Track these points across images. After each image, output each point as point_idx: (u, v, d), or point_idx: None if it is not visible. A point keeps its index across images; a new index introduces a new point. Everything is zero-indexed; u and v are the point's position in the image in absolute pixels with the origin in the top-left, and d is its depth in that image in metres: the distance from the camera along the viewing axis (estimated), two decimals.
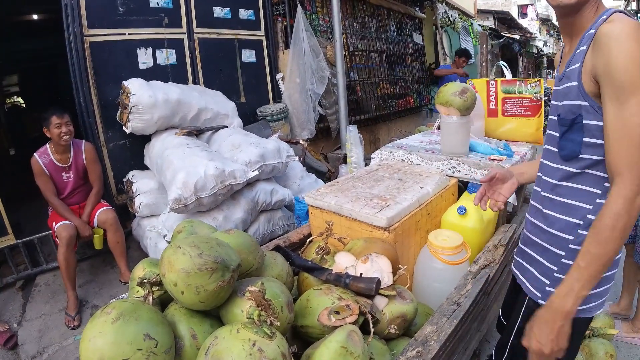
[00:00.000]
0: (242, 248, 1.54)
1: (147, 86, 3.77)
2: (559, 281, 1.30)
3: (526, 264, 1.55)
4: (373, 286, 1.56)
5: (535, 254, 1.50)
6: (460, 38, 11.70)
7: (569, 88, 1.29)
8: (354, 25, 7.35)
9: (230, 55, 5.20)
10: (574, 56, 1.29)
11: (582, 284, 1.20)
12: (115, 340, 1.11)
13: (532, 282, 1.50)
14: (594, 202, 1.28)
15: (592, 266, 1.18)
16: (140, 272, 1.57)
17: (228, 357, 1.09)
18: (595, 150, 1.24)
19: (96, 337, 1.12)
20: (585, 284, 1.20)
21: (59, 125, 3.35)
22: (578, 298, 1.21)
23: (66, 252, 3.28)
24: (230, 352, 1.09)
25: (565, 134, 1.32)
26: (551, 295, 1.26)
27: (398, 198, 2.14)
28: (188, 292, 1.24)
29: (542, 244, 1.45)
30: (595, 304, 1.37)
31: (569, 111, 1.29)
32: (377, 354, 1.48)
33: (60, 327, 3.27)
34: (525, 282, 1.53)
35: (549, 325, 1.25)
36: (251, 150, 3.70)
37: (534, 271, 1.49)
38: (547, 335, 1.25)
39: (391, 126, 8.52)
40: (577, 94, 1.26)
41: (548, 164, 1.44)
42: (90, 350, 1.11)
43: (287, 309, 1.35)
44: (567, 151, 1.32)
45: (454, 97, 2.53)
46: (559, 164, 1.37)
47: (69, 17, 3.77)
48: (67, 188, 3.59)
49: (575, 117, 1.27)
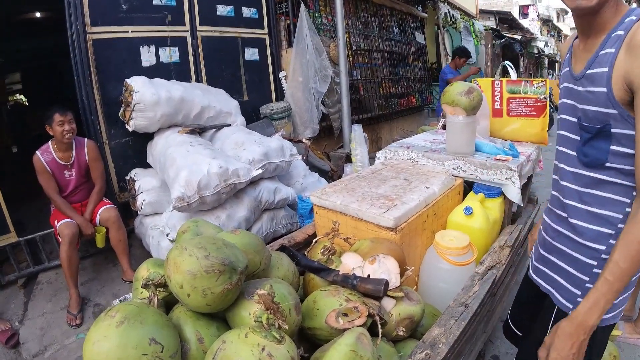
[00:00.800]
0: (248, 248, 1.52)
1: (150, 84, 3.76)
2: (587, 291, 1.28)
3: (552, 273, 1.51)
4: (381, 288, 1.54)
5: (562, 263, 1.46)
6: (462, 38, 11.71)
7: (594, 94, 1.23)
8: (357, 24, 7.36)
9: (233, 54, 5.19)
10: (598, 57, 1.22)
11: (607, 299, 1.18)
12: (120, 344, 1.09)
13: (561, 292, 1.45)
14: (624, 211, 1.25)
15: (620, 281, 1.16)
16: (144, 272, 1.55)
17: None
18: (624, 160, 1.20)
19: (101, 341, 1.10)
20: (610, 299, 1.18)
21: (61, 122, 3.34)
22: (602, 312, 1.19)
23: (68, 250, 3.27)
24: (238, 357, 1.08)
25: (590, 141, 1.27)
26: (575, 309, 1.24)
27: (404, 198, 2.12)
28: (194, 295, 1.22)
29: (571, 253, 1.41)
30: (620, 309, 1.35)
31: (595, 118, 1.24)
32: (385, 356, 1.46)
33: (62, 326, 3.26)
34: (554, 292, 1.49)
35: (572, 338, 1.23)
36: (254, 149, 3.68)
37: (562, 281, 1.45)
38: (568, 349, 1.24)
39: (393, 125, 8.52)
40: (606, 101, 1.20)
41: (566, 169, 1.40)
42: (94, 354, 1.09)
43: (295, 311, 1.33)
44: (592, 159, 1.28)
45: (460, 96, 2.52)
46: (581, 170, 1.33)
47: (72, 15, 3.77)
48: (70, 186, 3.58)
49: (603, 125, 1.22)
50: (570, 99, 1.34)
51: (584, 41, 1.31)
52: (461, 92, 2.53)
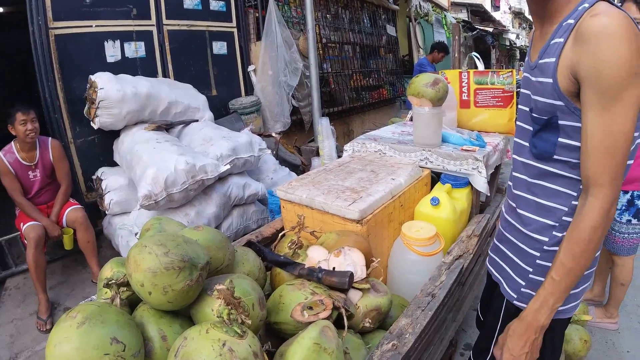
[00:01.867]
0: (211, 244, 1.51)
1: (115, 80, 3.69)
2: (534, 282, 1.32)
3: (501, 262, 1.52)
4: (346, 280, 1.54)
5: (510, 253, 1.46)
6: (434, 30, 11.78)
7: (543, 84, 1.19)
8: (327, 16, 7.34)
9: (200, 48, 5.14)
10: (548, 47, 1.18)
11: (556, 298, 1.18)
12: (80, 345, 1.07)
13: (508, 282, 1.46)
14: (570, 204, 1.23)
15: (567, 280, 1.16)
16: (108, 272, 1.53)
17: (198, 358, 1.06)
18: (571, 153, 1.18)
19: (62, 342, 1.08)
20: (559, 297, 1.18)
21: (24, 122, 3.26)
22: (552, 311, 1.20)
23: (35, 253, 3.20)
24: (200, 353, 1.06)
25: (539, 133, 1.25)
26: (525, 309, 1.25)
27: (370, 190, 2.12)
28: (155, 293, 1.21)
29: (517, 244, 1.41)
30: (574, 304, 1.34)
31: (543, 110, 1.21)
32: (353, 348, 1.47)
33: (32, 332, 3.20)
34: (502, 281, 1.49)
35: (523, 338, 1.24)
36: (222, 144, 3.66)
37: (509, 271, 1.45)
38: (520, 349, 1.24)
39: (365, 118, 8.55)
40: (552, 92, 1.16)
41: (517, 159, 1.38)
42: (56, 356, 1.08)
43: (258, 306, 1.32)
44: (540, 150, 1.26)
45: (425, 88, 2.53)
46: (532, 161, 1.31)
47: (33, 9, 3.68)
48: (34, 187, 3.50)
49: (550, 117, 1.19)
50: (527, 89, 1.30)
51: (539, 29, 1.28)
52: (427, 84, 2.54)
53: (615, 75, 1.00)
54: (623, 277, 2.75)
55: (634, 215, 2.59)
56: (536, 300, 1.21)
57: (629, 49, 0.99)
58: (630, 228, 2.62)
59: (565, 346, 2.54)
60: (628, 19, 1.02)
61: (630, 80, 1.00)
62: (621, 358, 2.67)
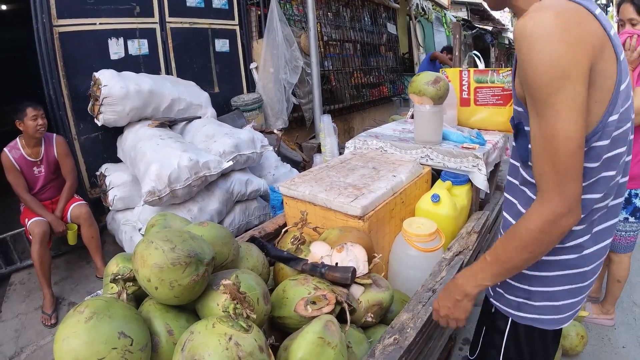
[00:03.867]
0: (216, 240, 1.53)
1: (118, 77, 3.72)
2: (506, 285, 1.36)
3: None
4: (349, 275, 1.57)
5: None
6: (434, 29, 11.78)
7: (513, 90, 1.20)
8: (328, 14, 7.35)
9: (203, 45, 5.17)
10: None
11: (484, 276, 1.22)
12: (89, 340, 1.09)
13: None
14: None
15: (496, 266, 1.18)
16: (114, 267, 1.55)
17: (204, 352, 1.08)
18: None
19: (70, 337, 1.10)
20: (487, 277, 1.21)
21: (35, 117, 3.30)
22: (478, 285, 1.24)
23: (40, 249, 3.23)
24: (206, 347, 1.08)
25: (516, 138, 1.22)
26: (460, 273, 1.32)
27: (372, 187, 2.15)
28: (162, 288, 1.23)
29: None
30: (548, 318, 1.31)
31: (515, 115, 1.20)
32: (355, 342, 1.49)
33: (37, 326, 3.23)
34: None
35: (450, 295, 1.34)
36: (225, 141, 3.68)
37: None
38: (446, 302, 1.36)
39: (365, 115, 8.58)
40: (515, 98, 1.17)
41: (511, 162, 1.35)
42: (64, 351, 1.09)
43: (263, 300, 1.35)
44: (518, 155, 1.25)
45: (426, 86, 2.55)
46: (519, 166, 1.28)
47: (38, 7, 3.70)
48: (39, 183, 3.53)
49: (518, 122, 1.18)
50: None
51: None
52: (428, 82, 2.56)
53: (540, 80, 0.96)
54: (620, 274, 2.77)
55: (631, 214, 2.61)
56: (468, 269, 1.28)
57: (550, 51, 0.93)
58: (628, 226, 2.64)
59: (562, 341, 2.57)
60: (557, 16, 0.93)
61: (559, 83, 0.94)
62: (617, 353, 2.71)
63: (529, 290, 1.29)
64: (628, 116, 1.09)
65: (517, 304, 1.34)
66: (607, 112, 1.01)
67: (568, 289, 1.26)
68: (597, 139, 1.03)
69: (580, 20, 0.94)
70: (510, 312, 1.37)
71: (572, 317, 1.33)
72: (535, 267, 1.23)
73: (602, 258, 1.26)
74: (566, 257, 1.21)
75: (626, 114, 1.07)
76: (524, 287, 1.30)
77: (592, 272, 1.26)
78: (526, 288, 1.29)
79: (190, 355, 1.09)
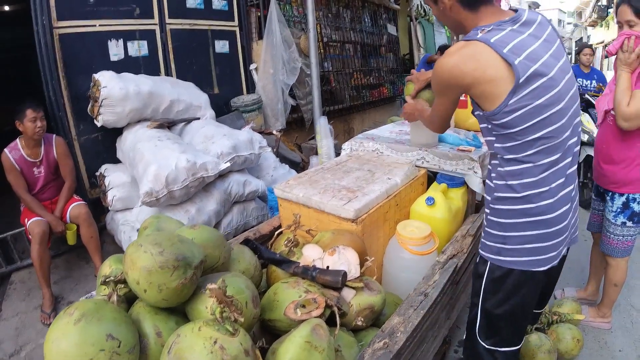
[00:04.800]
0: (207, 243, 1.54)
1: (118, 78, 3.73)
2: (487, 233, 1.65)
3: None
4: (339, 279, 1.57)
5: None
6: (435, 30, 11.76)
7: None
8: (328, 16, 7.35)
9: (203, 46, 5.18)
10: None
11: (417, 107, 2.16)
12: (77, 341, 1.11)
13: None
14: (496, 169, 1.60)
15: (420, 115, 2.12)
16: (106, 269, 1.55)
17: (190, 355, 1.09)
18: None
19: (59, 338, 1.12)
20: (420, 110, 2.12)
21: (34, 119, 3.31)
22: (415, 110, 2.18)
23: (39, 248, 3.25)
24: (192, 350, 1.10)
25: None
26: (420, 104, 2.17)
27: (366, 189, 2.16)
28: (150, 290, 1.24)
29: (485, 210, 1.72)
30: (512, 259, 1.58)
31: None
32: (345, 345, 1.49)
33: (36, 325, 3.25)
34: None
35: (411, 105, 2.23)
36: (223, 142, 3.70)
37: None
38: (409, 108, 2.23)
39: (365, 116, 8.59)
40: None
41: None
42: (54, 352, 1.11)
43: (252, 304, 1.36)
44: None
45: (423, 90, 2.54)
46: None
47: (38, 9, 3.71)
48: (39, 183, 3.54)
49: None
50: None
51: None
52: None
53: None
54: (617, 278, 2.77)
55: (629, 218, 2.60)
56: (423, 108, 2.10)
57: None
58: (625, 230, 2.63)
59: (558, 345, 2.57)
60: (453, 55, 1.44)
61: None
62: (613, 357, 2.70)
63: (504, 236, 1.58)
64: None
65: (497, 249, 1.61)
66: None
67: (536, 234, 1.53)
68: (504, 115, 1.42)
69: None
70: (491, 256, 1.64)
71: (546, 262, 1.57)
72: (507, 215, 1.55)
73: (564, 207, 1.53)
74: (526, 206, 1.51)
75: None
76: (501, 234, 1.59)
77: (557, 219, 1.53)
78: (502, 234, 1.58)
79: (176, 358, 1.10)
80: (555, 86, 1.41)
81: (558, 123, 1.43)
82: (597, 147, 2.73)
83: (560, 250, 1.59)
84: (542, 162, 1.46)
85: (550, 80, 1.39)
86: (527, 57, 1.36)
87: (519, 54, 1.35)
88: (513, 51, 1.35)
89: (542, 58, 1.39)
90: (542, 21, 1.52)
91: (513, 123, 1.41)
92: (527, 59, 1.36)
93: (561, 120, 1.44)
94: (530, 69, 1.35)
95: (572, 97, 1.50)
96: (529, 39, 1.41)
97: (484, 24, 1.46)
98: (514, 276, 1.59)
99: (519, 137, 1.44)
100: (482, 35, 1.40)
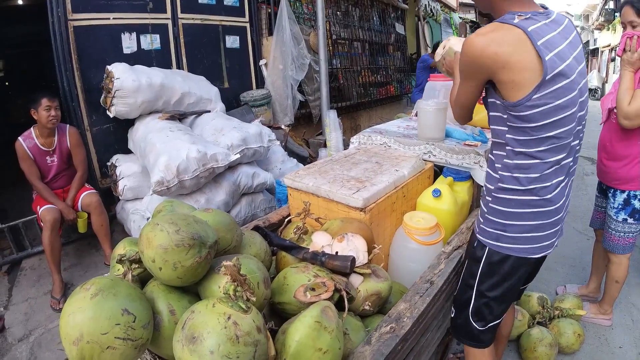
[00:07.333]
0: (220, 226, 1.57)
1: (130, 70, 3.78)
2: (488, 220, 1.69)
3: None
4: (348, 264, 1.60)
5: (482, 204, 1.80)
6: (442, 30, 11.78)
7: None
8: (337, 13, 7.40)
9: (214, 41, 5.22)
10: None
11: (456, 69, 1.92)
12: (94, 315, 1.12)
13: (476, 222, 1.83)
14: (502, 161, 1.61)
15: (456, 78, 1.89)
16: (121, 250, 1.58)
17: (204, 330, 1.11)
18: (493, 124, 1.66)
19: (75, 312, 1.13)
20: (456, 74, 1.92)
21: (48, 108, 3.37)
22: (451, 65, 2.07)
23: (51, 235, 3.30)
24: (206, 325, 1.12)
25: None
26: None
27: (374, 180, 2.19)
28: (166, 268, 1.27)
29: (484, 196, 1.77)
30: (516, 247, 1.63)
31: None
32: (352, 329, 1.52)
33: (46, 310, 3.31)
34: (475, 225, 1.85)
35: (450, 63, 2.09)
36: (233, 134, 3.74)
37: (478, 215, 1.80)
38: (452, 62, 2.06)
39: (372, 114, 8.61)
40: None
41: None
42: (69, 325, 1.13)
43: (263, 285, 1.39)
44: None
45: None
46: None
47: (53, 1, 3.76)
48: (51, 172, 3.60)
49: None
50: None
51: None
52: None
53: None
54: (618, 275, 2.79)
55: (630, 215, 2.63)
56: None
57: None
58: (627, 227, 2.66)
59: (559, 339, 2.60)
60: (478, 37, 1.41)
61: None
62: (613, 353, 2.73)
63: (504, 224, 1.62)
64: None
65: (496, 235, 1.66)
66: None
67: (535, 224, 1.59)
68: (525, 109, 1.42)
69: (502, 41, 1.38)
70: (490, 242, 1.69)
71: (541, 250, 1.64)
72: (510, 204, 1.59)
73: (561, 201, 1.59)
74: (530, 197, 1.55)
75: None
76: (501, 222, 1.63)
77: (555, 212, 1.58)
78: (503, 222, 1.63)
79: (190, 332, 1.13)
80: (574, 89, 1.42)
81: (569, 125, 1.46)
82: (601, 144, 2.76)
83: (553, 240, 1.66)
84: (550, 159, 1.49)
85: (571, 83, 1.41)
86: (556, 54, 1.37)
87: (551, 50, 1.36)
88: (546, 45, 1.35)
89: (568, 59, 1.40)
90: (569, 24, 1.52)
91: (532, 118, 1.42)
92: (557, 56, 1.36)
93: (572, 123, 1.47)
94: (558, 67, 1.36)
95: (582, 102, 1.52)
96: (559, 37, 1.41)
97: (518, 10, 1.44)
98: (510, 262, 1.66)
99: (534, 133, 1.45)
100: (519, 21, 1.37)
